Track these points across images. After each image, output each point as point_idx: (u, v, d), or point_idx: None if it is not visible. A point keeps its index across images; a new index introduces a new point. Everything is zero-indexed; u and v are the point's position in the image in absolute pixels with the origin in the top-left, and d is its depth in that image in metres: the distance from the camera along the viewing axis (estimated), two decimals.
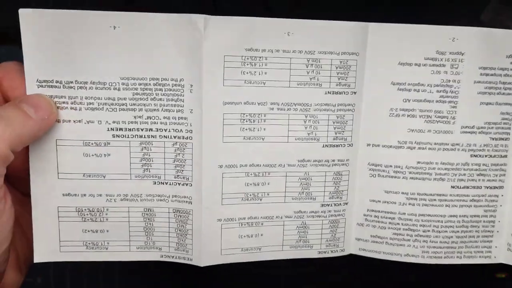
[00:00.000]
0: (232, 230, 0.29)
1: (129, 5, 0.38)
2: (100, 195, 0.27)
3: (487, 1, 0.36)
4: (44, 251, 0.28)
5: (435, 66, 0.28)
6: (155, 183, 0.27)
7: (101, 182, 0.27)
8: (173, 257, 0.29)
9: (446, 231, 0.30)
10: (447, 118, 0.29)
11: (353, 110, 0.28)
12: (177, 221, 0.28)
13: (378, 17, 0.29)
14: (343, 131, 0.28)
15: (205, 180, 0.27)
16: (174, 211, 0.28)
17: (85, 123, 0.26)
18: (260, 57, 0.27)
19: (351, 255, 0.31)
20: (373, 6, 0.38)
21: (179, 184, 0.28)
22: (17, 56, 0.43)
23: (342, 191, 0.29)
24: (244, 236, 0.29)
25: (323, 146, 0.28)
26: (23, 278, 0.28)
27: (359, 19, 0.28)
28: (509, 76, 0.29)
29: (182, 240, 0.28)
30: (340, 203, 0.29)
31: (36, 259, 0.27)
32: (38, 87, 0.25)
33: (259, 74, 0.27)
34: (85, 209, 0.27)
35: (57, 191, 0.27)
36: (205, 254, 0.28)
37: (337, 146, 0.29)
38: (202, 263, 0.29)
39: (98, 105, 0.26)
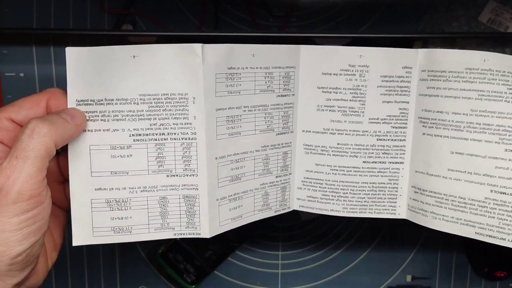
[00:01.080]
0: (225, 206, 0.36)
1: (130, 7, 0.42)
2: (124, 188, 0.33)
3: (485, 2, 0.40)
4: (81, 236, 0.33)
5: (348, 75, 0.37)
6: (168, 176, 0.34)
7: (125, 177, 0.33)
8: (184, 233, 0.35)
9: (360, 194, 0.39)
10: (358, 112, 0.37)
11: (293, 107, 0.38)
12: (186, 204, 0.35)
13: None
14: (287, 122, 0.38)
15: (207, 171, 0.34)
16: (184, 197, 0.34)
17: (112, 131, 0.32)
18: (237, 73, 0.35)
19: (294, 210, 0.41)
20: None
21: (187, 175, 0.34)
22: (17, 56, 0.43)
23: (288, 165, 0.40)
24: (232, 209, 0.37)
25: (276, 134, 0.38)
26: (48, 271, 0.33)
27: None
28: (405, 82, 0.37)
29: (191, 219, 0.35)
30: (287, 174, 0.40)
31: (74, 243, 0.32)
32: (76, 105, 0.30)
33: (236, 86, 0.35)
34: (112, 200, 0.33)
35: (91, 186, 0.32)
36: (210, 228, 0.35)
37: (284, 133, 0.39)
38: (209, 235, 0.35)
39: (122, 116, 0.32)
